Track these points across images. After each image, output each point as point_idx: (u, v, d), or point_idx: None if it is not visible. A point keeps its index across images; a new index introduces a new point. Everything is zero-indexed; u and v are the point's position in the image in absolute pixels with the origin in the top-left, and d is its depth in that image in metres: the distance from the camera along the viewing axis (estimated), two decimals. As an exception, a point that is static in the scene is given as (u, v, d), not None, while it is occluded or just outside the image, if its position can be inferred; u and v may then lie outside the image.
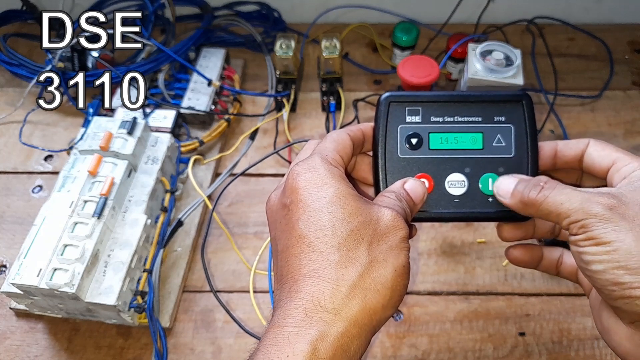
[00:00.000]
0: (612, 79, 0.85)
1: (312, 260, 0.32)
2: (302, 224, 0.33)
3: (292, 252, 0.33)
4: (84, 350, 0.60)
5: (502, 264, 0.66)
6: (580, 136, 0.77)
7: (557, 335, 0.60)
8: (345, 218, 0.33)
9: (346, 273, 0.32)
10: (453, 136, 0.39)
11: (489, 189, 0.39)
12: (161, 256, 0.63)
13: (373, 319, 0.32)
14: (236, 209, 0.71)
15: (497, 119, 0.39)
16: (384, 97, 0.40)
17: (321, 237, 0.32)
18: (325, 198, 0.33)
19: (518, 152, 0.39)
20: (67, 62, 0.78)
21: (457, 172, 0.39)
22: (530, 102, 0.40)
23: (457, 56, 0.81)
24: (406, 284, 0.34)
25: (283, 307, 0.32)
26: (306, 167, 0.35)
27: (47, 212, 0.58)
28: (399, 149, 0.39)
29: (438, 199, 0.39)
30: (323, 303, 0.31)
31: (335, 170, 0.35)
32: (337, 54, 0.77)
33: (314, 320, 0.30)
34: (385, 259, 0.33)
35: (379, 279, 0.32)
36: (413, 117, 0.39)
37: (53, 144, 0.78)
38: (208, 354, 0.59)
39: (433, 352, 0.59)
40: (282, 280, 0.33)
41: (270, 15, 0.92)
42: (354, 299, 0.31)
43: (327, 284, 0.31)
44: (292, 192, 0.34)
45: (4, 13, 0.91)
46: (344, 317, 0.31)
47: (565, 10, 0.93)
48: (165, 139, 0.69)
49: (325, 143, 0.38)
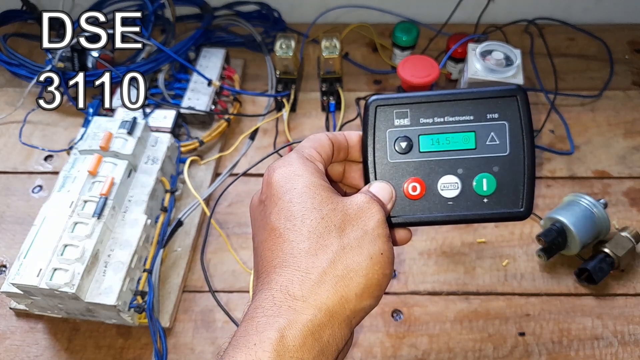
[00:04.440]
0: (612, 79, 0.85)
1: (283, 251, 0.32)
2: (274, 216, 0.33)
3: (265, 246, 0.33)
4: (84, 350, 0.60)
5: (502, 264, 0.66)
6: (581, 136, 0.78)
7: (557, 335, 0.60)
8: (315, 207, 0.33)
9: (316, 260, 0.31)
10: (444, 137, 0.38)
11: (483, 189, 0.38)
12: (161, 256, 0.63)
13: (346, 307, 0.31)
14: (236, 209, 0.71)
15: (490, 116, 0.38)
16: (371, 101, 0.39)
17: (290, 227, 0.32)
18: (296, 189, 0.33)
19: (513, 149, 0.37)
20: (67, 62, 0.78)
21: (449, 174, 0.38)
22: (525, 97, 0.38)
23: (457, 56, 0.81)
24: (386, 273, 0.33)
25: (255, 300, 0.32)
26: (281, 163, 0.35)
27: (47, 212, 0.58)
28: (389, 153, 0.38)
29: (431, 202, 0.38)
30: (292, 291, 0.30)
31: (310, 164, 0.35)
32: (337, 54, 0.77)
33: (283, 309, 0.30)
34: (360, 245, 0.32)
35: (352, 266, 0.31)
36: (401, 120, 0.38)
37: (53, 144, 0.78)
38: (208, 354, 0.59)
39: (433, 352, 0.59)
40: (257, 274, 0.34)
41: (270, 15, 0.92)
42: (324, 286, 0.31)
43: (296, 273, 0.31)
44: (267, 187, 0.35)
45: (4, 13, 0.92)
46: (312, 304, 0.30)
47: (565, 10, 0.93)
48: (165, 139, 0.69)
49: (303, 142, 0.38)
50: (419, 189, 0.38)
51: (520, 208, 0.37)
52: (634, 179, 0.74)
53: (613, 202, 0.71)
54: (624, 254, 0.62)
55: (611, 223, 0.65)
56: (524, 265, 0.66)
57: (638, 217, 0.70)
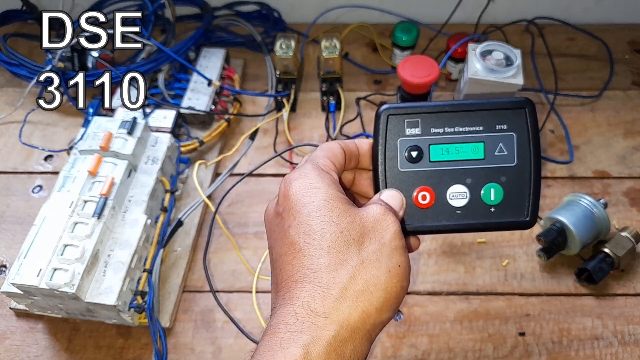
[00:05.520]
0: (612, 79, 0.85)
1: (303, 266, 0.32)
2: (293, 230, 0.33)
3: (285, 260, 0.33)
4: (84, 350, 0.60)
5: (502, 264, 0.66)
6: (581, 136, 0.78)
7: (557, 335, 0.60)
8: (334, 220, 0.33)
9: (337, 276, 0.31)
10: (454, 147, 0.38)
11: (491, 199, 0.38)
12: (161, 256, 0.63)
13: (367, 322, 0.31)
14: (236, 208, 0.71)
15: (498, 127, 0.39)
16: (383, 109, 0.39)
17: (310, 241, 0.32)
18: (314, 202, 0.33)
19: (520, 160, 0.38)
20: (67, 62, 0.78)
21: (458, 183, 0.38)
22: (533, 109, 0.39)
23: (457, 56, 0.81)
24: (404, 285, 0.33)
25: (276, 314, 0.32)
26: (297, 174, 0.35)
27: (47, 212, 0.58)
28: (399, 162, 0.39)
29: (440, 211, 0.39)
30: (314, 307, 0.31)
31: (326, 175, 0.35)
32: (337, 54, 0.77)
33: (306, 324, 0.30)
34: (379, 258, 0.32)
35: (371, 280, 0.32)
36: (412, 130, 0.39)
37: (53, 144, 0.78)
38: (208, 354, 0.59)
39: (433, 352, 0.59)
40: (277, 287, 0.34)
41: (270, 15, 0.92)
42: (345, 302, 0.31)
43: (317, 288, 0.31)
44: (284, 199, 0.35)
45: (4, 13, 0.91)
46: (334, 320, 0.30)
47: (565, 10, 0.93)
48: (165, 139, 0.69)
49: (317, 152, 0.38)
50: (429, 197, 0.39)
51: (526, 217, 0.38)
52: (634, 179, 0.74)
53: (613, 202, 0.71)
54: (624, 254, 0.62)
55: (611, 223, 0.65)
56: (524, 265, 0.66)
57: (638, 217, 0.70)
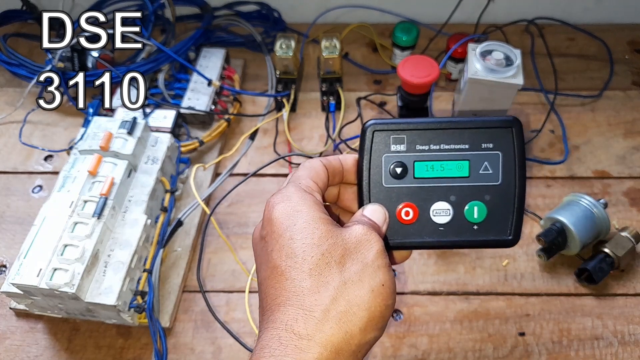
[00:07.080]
0: (612, 79, 0.85)
1: (286, 289, 0.32)
2: (276, 254, 0.33)
3: (268, 283, 0.33)
4: (84, 350, 0.60)
5: (502, 264, 0.66)
6: (581, 136, 0.78)
7: (557, 335, 0.60)
8: (315, 243, 0.32)
9: (319, 298, 0.31)
10: (439, 164, 0.38)
11: (474, 217, 0.38)
12: (161, 256, 0.63)
13: (351, 342, 0.31)
14: (236, 208, 0.71)
15: (484, 145, 0.38)
16: (368, 125, 0.39)
17: (292, 264, 0.32)
18: (296, 226, 0.33)
19: (505, 179, 0.38)
20: (67, 62, 0.78)
21: (442, 200, 0.38)
22: (520, 128, 0.38)
23: (457, 56, 0.81)
24: (389, 304, 0.33)
25: (262, 338, 0.32)
26: (280, 198, 0.35)
27: (47, 212, 0.58)
28: (384, 178, 0.39)
29: (423, 227, 0.39)
30: (297, 330, 0.31)
31: (308, 197, 0.35)
32: (337, 54, 0.77)
33: (289, 348, 0.30)
34: (361, 278, 0.32)
35: (354, 300, 0.31)
36: (398, 146, 0.39)
37: (53, 144, 0.78)
38: (208, 354, 0.59)
39: (433, 352, 0.59)
40: (262, 310, 0.34)
41: (270, 15, 0.92)
42: (328, 323, 0.31)
43: (300, 311, 0.31)
44: (268, 223, 0.35)
45: (4, 13, 0.91)
46: (318, 342, 0.30)
47: (565, 10, 0.93)
48: (165, 139, 0.69)
49: (299, 171, 0.38)
50: (412, 214, 0.38)
51: (509, 236, 0.38)
52: (634, 179, 0.74)
53: (613, 202, 0.71)
54: (624, 254, 0.62)
55: (611, 223, 0.65)
56: (524, 265, 0.66)
57: (638, 217, 0.70)
